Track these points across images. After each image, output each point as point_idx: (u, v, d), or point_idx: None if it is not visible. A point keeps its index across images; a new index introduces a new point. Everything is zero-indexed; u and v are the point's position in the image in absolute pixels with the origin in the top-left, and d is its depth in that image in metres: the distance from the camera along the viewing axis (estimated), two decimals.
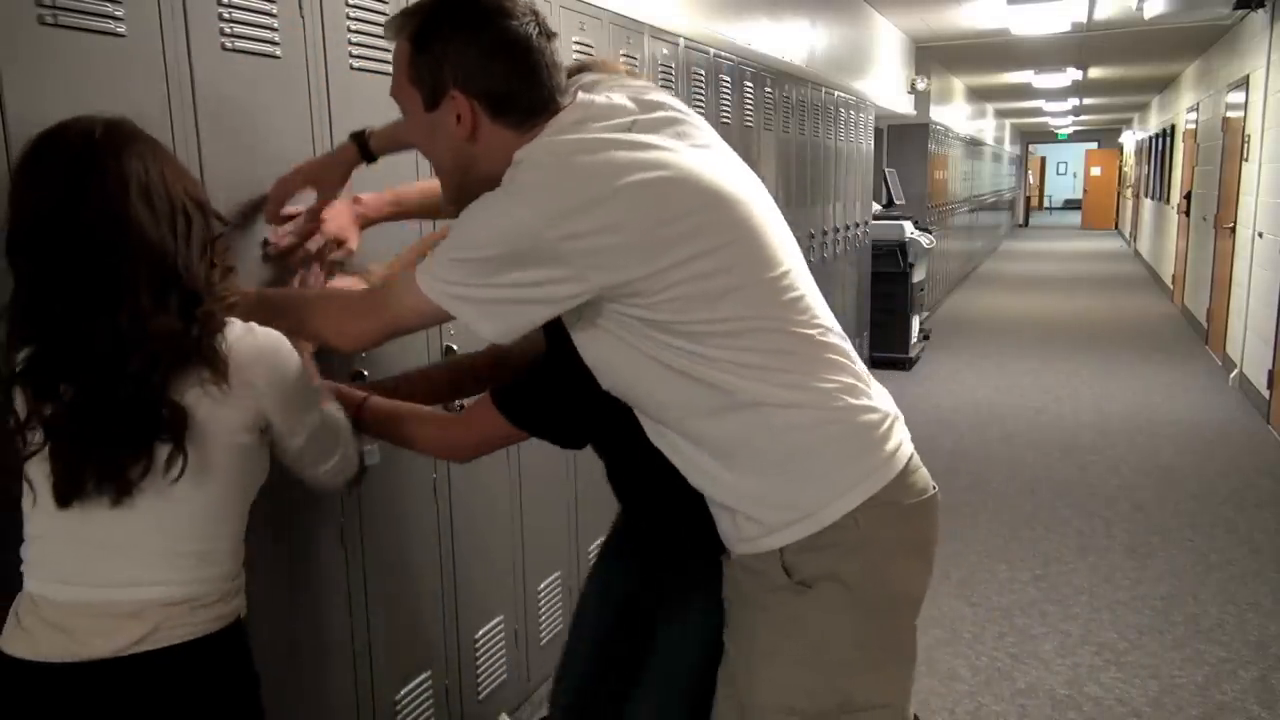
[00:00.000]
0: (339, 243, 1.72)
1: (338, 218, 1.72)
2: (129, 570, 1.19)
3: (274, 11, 1.66)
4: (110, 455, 1.15)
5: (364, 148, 1.65)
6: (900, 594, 1.37)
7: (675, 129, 1.30)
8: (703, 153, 1.31)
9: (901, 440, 1.36)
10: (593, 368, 1.38)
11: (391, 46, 1.34)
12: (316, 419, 1.35)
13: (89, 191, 1.12)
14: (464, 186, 1.34)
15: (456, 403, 1.94)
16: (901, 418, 1.41)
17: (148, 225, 1.14)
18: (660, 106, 1.32)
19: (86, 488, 1.16)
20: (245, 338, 1.23)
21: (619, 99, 1.31)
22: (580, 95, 1.32)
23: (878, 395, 1.38)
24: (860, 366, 1.38)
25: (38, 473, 1.18)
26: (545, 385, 1.52)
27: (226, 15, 1.57)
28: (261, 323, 1.40)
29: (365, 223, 1.78)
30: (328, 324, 1.41)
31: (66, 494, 1.16)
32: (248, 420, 1.24)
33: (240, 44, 1.60)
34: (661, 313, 1.25)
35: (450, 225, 1.30)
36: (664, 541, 1.58)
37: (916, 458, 1.39)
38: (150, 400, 1.15)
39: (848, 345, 1.38)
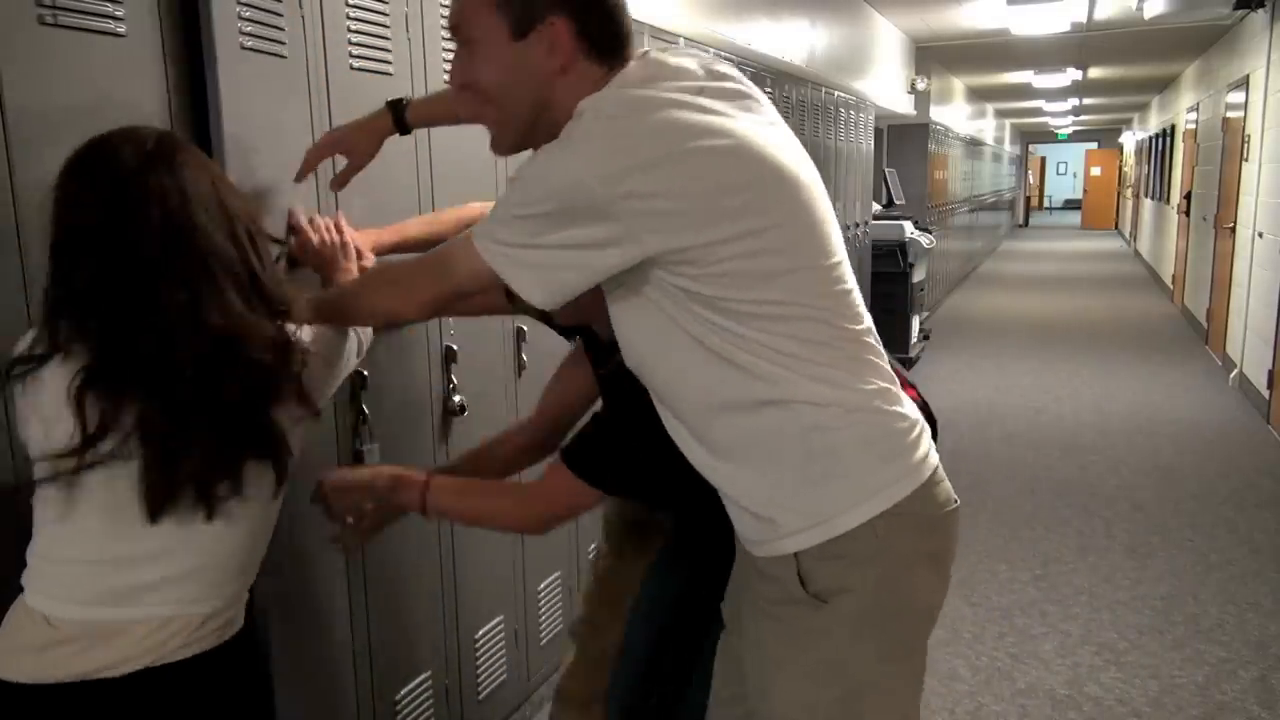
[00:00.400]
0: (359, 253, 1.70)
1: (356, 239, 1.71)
2: (172, 589, 1.18)
3: (280, 11, 1.66)
4: (203, 471, 1.14)
5: (399, 118, 1.63)
6: (915, 608, 1.32)
7: (742, 102, 1.26)
8: (769, 129, 1.26)
9: (928, 450, 1.32)
10: (622, 340, 1.33)
11: None
12: (342, 370, 1.39)
13: (149, 198, 1.12)
14: (529, 134, 1.28)
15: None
16: (928, 429, 1.37)
17: (211, 231, 1.15)
18: (728, 78, 1.28)
19: (182, 498, 1.14)
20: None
21: (689, 63, 1.27)
22: (652, 53, 1.28)
23: (907, 402, 1.33)
24: (892, 372, 1.34)
25: (94, 487, 1.13)
26: (614, 434, 1.46)
27: (231, 15, 1.57)
28: (325, 323, 1.43)
29: (378, 250, 1.75)
30: (389, 302, 1.39)
31: (159, 505, 1.14)
32: (300, 430, 1.27)
33: (244, 42, 1.60)
34: (709, 286, 1.19)
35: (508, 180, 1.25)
36: (716, 546, 1.55)
37: (941, 469, 1.35)
38: (254, 417, 1.16)
39: (882, 348, 1.34)
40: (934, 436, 1.40)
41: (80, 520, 1.15)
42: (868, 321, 1.32)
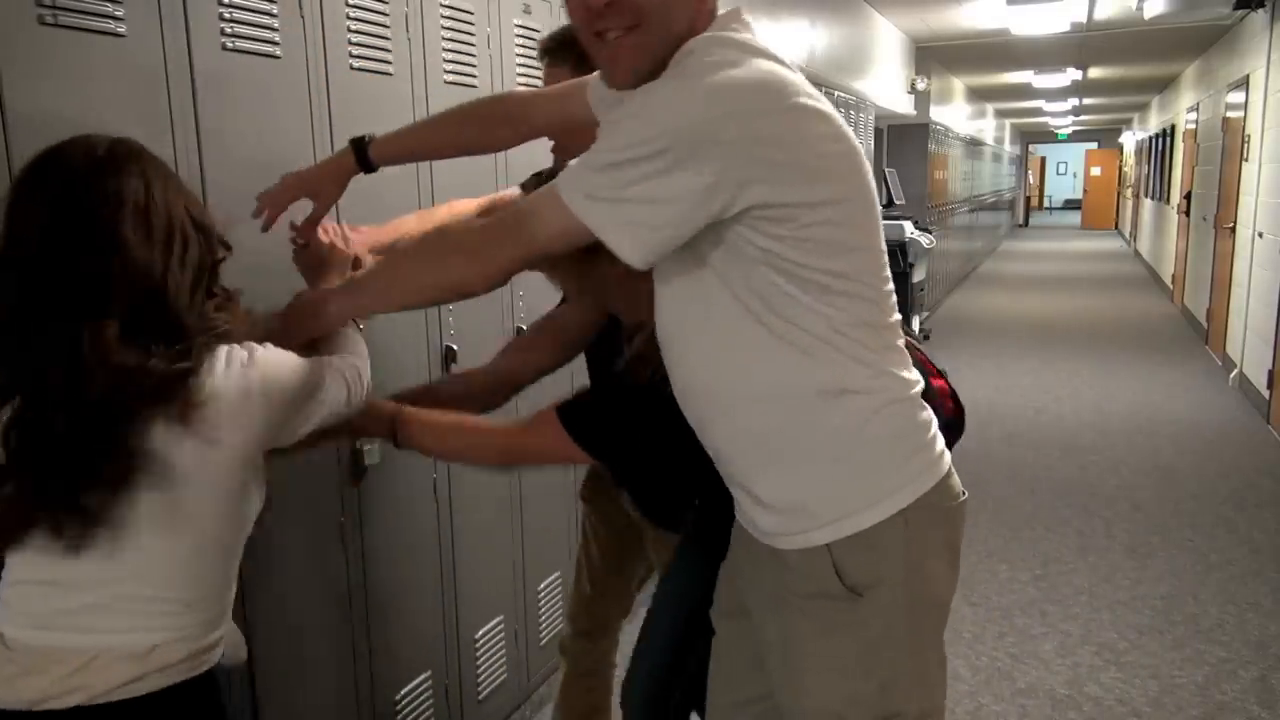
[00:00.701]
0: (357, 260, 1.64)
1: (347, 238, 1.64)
2: (101, 617, 1.14)
3: (274, 11, 1.66)
4: (56, 497, 1.09)
5: (362, 156, 1.54)
6: (939, 598, 1.33)
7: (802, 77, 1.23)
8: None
9: (943, 444, 1.33)
10: (665, 314, 1.29)
11: None
12: (319, 405, 1.27)
13: (82, 210, 1.09)
14: (660, 65, 1.19)
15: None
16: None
17: (137, 247, 1.09)
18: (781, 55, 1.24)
19: (32, 530, 1.10)
20: (232, 375, 1.15)
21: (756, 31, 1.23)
22: (740, 8, 1.25)
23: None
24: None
25: None
26: (618, 405, 1.45)
27: (227, 15, 1.57)
28: (371, 307, 1.38)
29: (375, 250, 1.70)
30: (457, 272, 1.26)
31: (5, 537, 1.11)
32: (244, 457, 1.18)
33: (241, 44, 1.60)
34: (793, 249, 1.15)
35: (601, 129, 1.18)
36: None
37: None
38: (108, 438, 1.08)
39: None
40: (963, 426, 1.43)
41: (25, 541, 1.13)
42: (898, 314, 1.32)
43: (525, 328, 2.41)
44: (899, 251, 6.81)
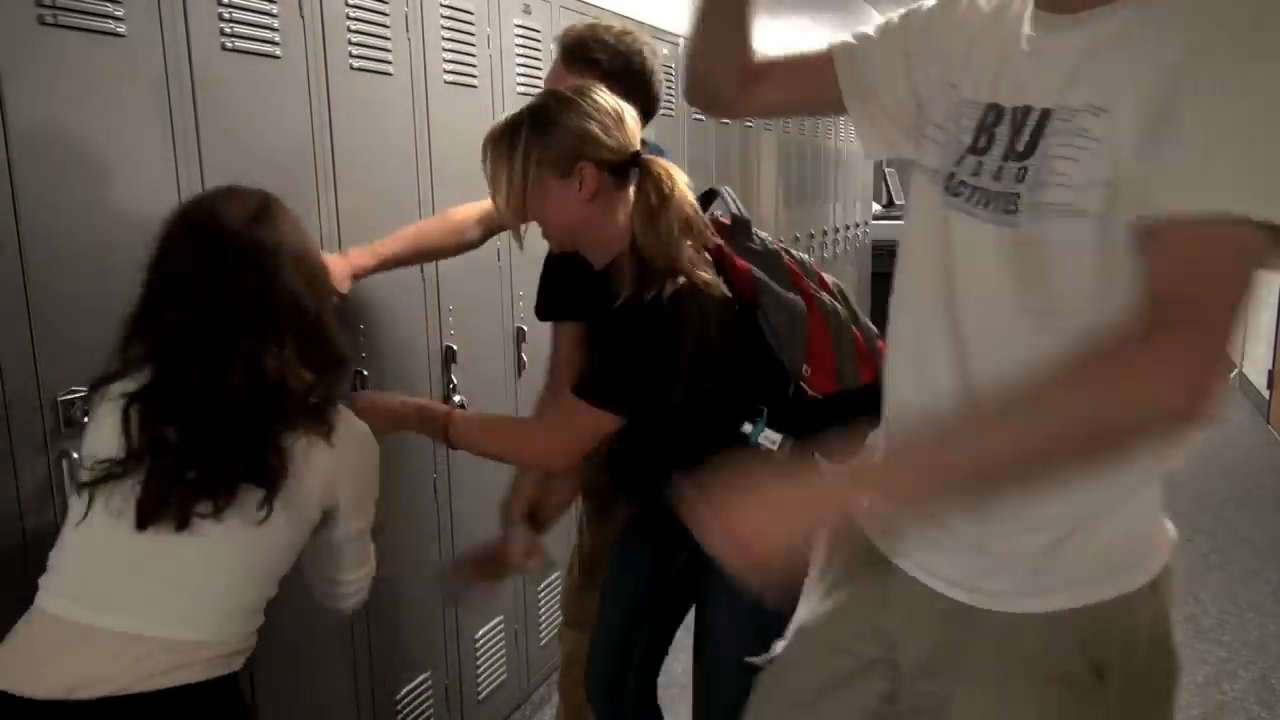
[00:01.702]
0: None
1: (330, 265, 1.69)
2: (154, 606, 1.19)
3: (274, 11, 1.66)
4: (195, 487, 1.18)
5: None
6: (1176, 681, 1.11)
7: None
8: None
9: None
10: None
11: None
12: (369, 522, 1.39)
13: (244, 247, 1.21)
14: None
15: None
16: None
17: (296, 283, 1.22)
18: None
19: (166, 513, 1.18)
20: (352, 421, 1.31)
21: None
22: None
23: None
24: None
25: (105, 493, 1.18)
26: (622, 358, 1.49)
27: (227, 15, 1.57)
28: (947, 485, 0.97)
29: (357, 274, 1.73)
30: (1116, 404, 0.87)
31: (149, 516, 1.17)
32: (323, 497, 1.28)
33: (240, 44, 1.60)
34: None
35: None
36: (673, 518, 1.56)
37: None
38: (258, 442, 1.19)
39: None
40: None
41: (92, 521, 1.18)
42: None
43: (525, 327, 2.41)
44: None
